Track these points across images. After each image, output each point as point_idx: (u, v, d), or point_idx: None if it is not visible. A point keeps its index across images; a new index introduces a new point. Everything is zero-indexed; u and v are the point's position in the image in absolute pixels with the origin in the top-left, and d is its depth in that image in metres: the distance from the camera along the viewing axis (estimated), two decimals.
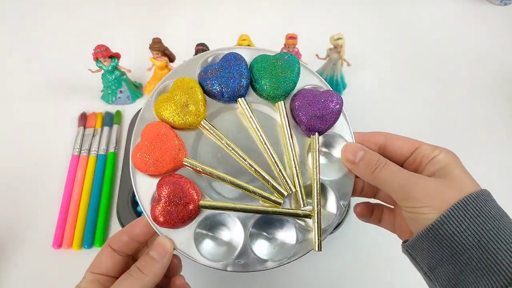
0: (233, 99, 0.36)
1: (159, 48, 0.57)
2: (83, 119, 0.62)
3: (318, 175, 0.35)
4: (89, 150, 0.59)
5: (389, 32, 0.76)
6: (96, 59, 0.58)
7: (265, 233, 0.35)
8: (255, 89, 0.37)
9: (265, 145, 0.35)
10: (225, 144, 0.35)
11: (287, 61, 0.36)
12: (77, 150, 0.59)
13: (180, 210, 0.32)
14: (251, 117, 0.36)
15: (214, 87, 0.35)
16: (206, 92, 0.36)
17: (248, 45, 0.57)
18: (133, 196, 0.54)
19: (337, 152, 0.36)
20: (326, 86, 0.37)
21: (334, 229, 0.51)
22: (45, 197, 0.56)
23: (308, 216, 0.34)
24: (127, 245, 0.34)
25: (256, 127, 0.35)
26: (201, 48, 0.57)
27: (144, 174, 0.34)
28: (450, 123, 0.64)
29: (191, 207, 0.32)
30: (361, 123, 0.59)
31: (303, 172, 0.35)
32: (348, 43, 0.60)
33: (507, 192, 0.50)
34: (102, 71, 0.60)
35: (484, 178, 0.33)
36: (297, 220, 0.34)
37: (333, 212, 0.35)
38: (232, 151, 0.35)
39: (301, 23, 0.77)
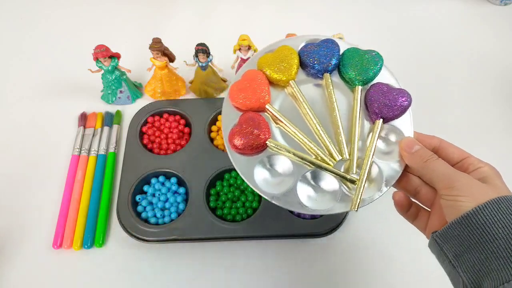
0: (320, 72, 0.43)
1: (159, 48, 0.57)
2: (83, 119, 0.62)
3: (372, 152, 0.39)
4: (89, 150, 0.59)
5: (389, 32, 0.76)
6: (96, 59, 0.58)
7: (312, 185, 0.40)
8: (340, 72, 0.43)
9: (336, 116, 0.41)
10: (303, 104, 0.41)
11: (373, 56, 0.43)
12: (77, 150, 0.59)
13: (251, 138, 0.39)
14: (330, 90, 0.42)
15: (309, 58, 0.43)
16: (301, 62, 0.43)
17: (249, 45, 0.57)
18: (133, 196, 0.54)
19: (393, 142, 0.41)
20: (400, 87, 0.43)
21: (334, 228, 0.52)
22: (45, 197, 0.56)
23: (353, 181, 0.39)
24: None
25: (332, 99, 0.42)
26: (201, 48, 0.57)
27: (233, 106, 0.41)
28: (450, 122, 0.64)
29: (261, 138, 0.39)
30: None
31: (359, 148, 0.40)
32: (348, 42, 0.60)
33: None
34: (102, 71, 0.60)
35: None
36: (343, 185, 0.39)
37: (376, 189, 0.39)
38: (308, 112, 0.41)
39: (301, 23, 0.77)
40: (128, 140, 0.59)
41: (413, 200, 0.40)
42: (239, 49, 0.59)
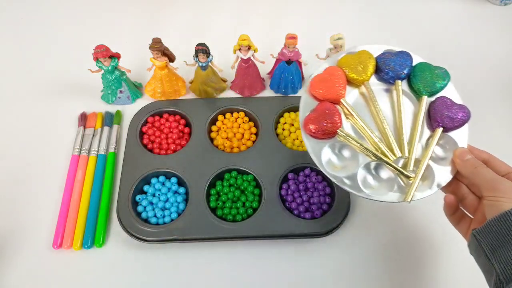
0: (392, 79, 0.49)
1: (159, 48, 0.57)
2: (83, 119, 0.62)
3: (430, 155, 0.45)
4: (89, 150, 0.59)
5: (389, 32, 0.76)
6: (96, 59, 0.58)
7: (372, 174, 0.45)
8: (409, 82, 0.49)
9: (401, 118, 0.46)
10: (373, 104, 0.47)
11: (442, 72, 0.49)
12: (77, 150, 0.59)
13: (324, 124, 0.44)
14: (399, 96, 0.48)
15: (385, 65, 0.48)
16: (377, 67, 0.49)
17: (249, 46, 0.57)
18: (133, 196, 0.54)
19: (448, 150, 0.46)
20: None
21: (334, 228, 0.52)
22: (45, 197, 0.56)
23: (409, 177, 0.44)
24: None
25: (400, 104, 0.47)
26: (201, 48, 0.57)
27: (311, 96, 0.48)
28: None
29: (333, 127, 0.44)
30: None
31: (417, 151, 0.46)
32: (348, 43, 0.60)
33: None
34: (102, 71, 0.60)
35: None
36: (399, 178, 0.45)
37: (427, 187, 0.44)
38: (376, 111, 0.47)
39: (301, 23, 0.77)
40: (128, 140, 0.59)
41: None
42: (239, 49, 0.59)
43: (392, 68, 0.48)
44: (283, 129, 0.61)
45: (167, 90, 0.63)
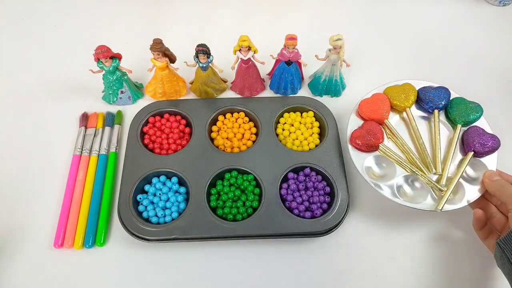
0: (431, 108, 0.58)
1: (159, 48, 0.57)
2: (84, 119, 0.63)
3: (461, 173, 0.52)
4: (90, 150, 0.59)
5: (389, 32, 0.76)
6: (97, 60, 0.59)
7: (409, 184, 0.53)
8: (446, 112, 0.58)
9: (437, 141, 0.55)
10: (413, 127, 0.56)
11: (476, 106, 0.57)
12: (79, 150, 0.59)
13: (369, 139, 0.53)
14: (437, 123, 0.57)
15: (426, 95, 0.58)
16: (418, 97, 0.58)
17: (249, 46, 0.58)
18: (134, 195, 0.54)
19: (478, 171, 0.53)
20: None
21: (334, 227, 0.52)
22: (47, 196, 0.56)
23: (441, 190, 0.51)
24: None
25: (437, 129, 0.56)
26: (202, 49, 0.57)
27: (357, 117, 0.57)
28: None
29: (375, 140, 0.53)
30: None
31: (450, 171, 0.54)
32: (348, 43, 0.60)
33: None
34: (103, 72, 0.61)
35: None
36: (432, 191, 0.52)
37: (458, 201, 0.50)
38: (415, 133, 0.56)
39: (301, 24, 0.77)
40: (129, 140, 0.59)
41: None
42: (239, 50, 0.59)
43: (432, 99, 0.57)
44: (283, 129, 0.61)
45: (168, 91, 0.63)
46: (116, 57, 0.59)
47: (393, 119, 0.58)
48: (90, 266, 0.51)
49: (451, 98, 0.58)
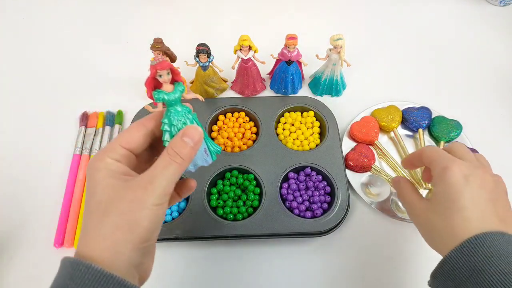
0: (416, 128, 0.61)
1: (160, 48, 0.57)
2: (85, 118, 0.63)
3: None
4: (91, 149, 0.59)
5: (389, 32, 0.76)
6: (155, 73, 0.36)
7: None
8: (429, 130, 0.62)
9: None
10: (401, 146, 0.60)
11: (456, 124, 0.61)
12: (79, 149, 0.59)
13: (362, 160, 0.57)
14: (421, 141, 0.60)
15: (410, 116, 0.62)
16: (403, 117, 0.63)
17: (249, 46, 0.58)
18: None
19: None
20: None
21: (335, 227, 0.52)
22: (47, 196, 0.56)
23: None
24: (159, 127, 0.34)
25: (423, 147, 0.58)
26: (202, 48, 0.57)
27: (350, 139, 0.61)
28: None
29: (368, 161, 0.57)
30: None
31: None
32: (348, 43, 0.60)
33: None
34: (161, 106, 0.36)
35: None
36: None
37: None
38: (404, 152, 0.60)
39: (301, 23, 0.77)
40: None
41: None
42: (240, 50, 0.59)
43: (415, 119, 0.61)
44: (284, 129, 0.61)
45: None
46: (179, 81, 0.36)
47: (382, 139, 0.62)
48: None
49: (432, 117, 0.62)
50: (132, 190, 0.30)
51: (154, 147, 0.36)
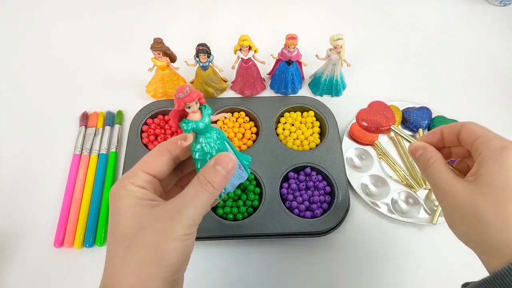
0: (416, 128, 0.61)
1: (160, 48, 0.57)
2: (85, 118, 0.63)
3: None
4: (91, 149, 0.59)
5: (389, 32, 0.76)
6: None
7: (402, 201, 0.56)
8: (429, 130, 0.60)
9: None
10: (401, 148, 0.60)
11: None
12: (79, 149, 0.59)
13: (380, 120, 0.45)
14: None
15: (409, 116, 0.62)
16: (403, 117, 0.62)
17: (249, 46, 0.58)
18: None
19: None
20: None
21: (335, 227, 0.52)
22: (47, 196, 0.56)
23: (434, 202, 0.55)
24: (186, 152, 0.32)
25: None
26: (202, 48, 0.57)
27: (350, 139, 0.60)
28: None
29: (387, 122, 0.45)
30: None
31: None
32: (348, 43, 0.60)
33: None
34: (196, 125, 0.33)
35: None
36: (424, 206, 0.55)
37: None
38: (404, 152, 0.60)
39: (301, 23, 0.77)
40: (129, 139, 0.59)
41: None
42: (240, 50, 0.59)
43: (415, 119, 0.61)
44: (284, 129, 0.61)
45: (169, 90, 0.63)
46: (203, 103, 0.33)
47: (382, 139, 0.61)
48: (89, 266, 0.51)
49: (432, 117, 0.62)
50: (159, 220, 0.28)
51: (177, 168, 0.34)
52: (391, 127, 0.44)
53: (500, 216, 0.28)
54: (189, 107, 0.31)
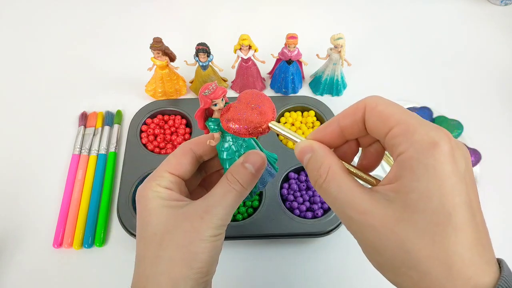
0: None
1: (159, 47, 0.57)
2: (84, 118, 0.62)
3: None
4: (90, 149, 0.59)
5: (389, 32, 0.76)
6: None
7: None
8: None
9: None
10: None
11: (457, 123, 0.59)
12: (78, 149, 0.59)
13: (252, 116, 0.29)
14: None
15: None
16: None
17: (249, 45, 0.57)
18: (134, 195, 0.54)
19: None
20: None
21: (336, 227, 0.52)
22: (46, 196, 0.56)
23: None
24: (211, 152, 0.32)
25: None
26: (202, 47, 0.57)
27: None
28: None
29: (261, 120, 0.29)
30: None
31: None
32: (349, 42, 0.60)
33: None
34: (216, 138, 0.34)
35: None
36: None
37: None
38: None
39: (301, 22, 0.77)
40: (128, 139, 0.59)
41: None
42: (240, 49, 0.59)
43: None
44: None
45: (168, 90, 0.63)
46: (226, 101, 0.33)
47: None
48: (89, 266, 0.51)
49: (433, 117, 0.61)
50: (188, 219, 0.28)
51: (200, 168, 0.34)
52: (269, 125, 0.30)
53: (440, 258, 0.20)
54: (215, 104, 0.30)
